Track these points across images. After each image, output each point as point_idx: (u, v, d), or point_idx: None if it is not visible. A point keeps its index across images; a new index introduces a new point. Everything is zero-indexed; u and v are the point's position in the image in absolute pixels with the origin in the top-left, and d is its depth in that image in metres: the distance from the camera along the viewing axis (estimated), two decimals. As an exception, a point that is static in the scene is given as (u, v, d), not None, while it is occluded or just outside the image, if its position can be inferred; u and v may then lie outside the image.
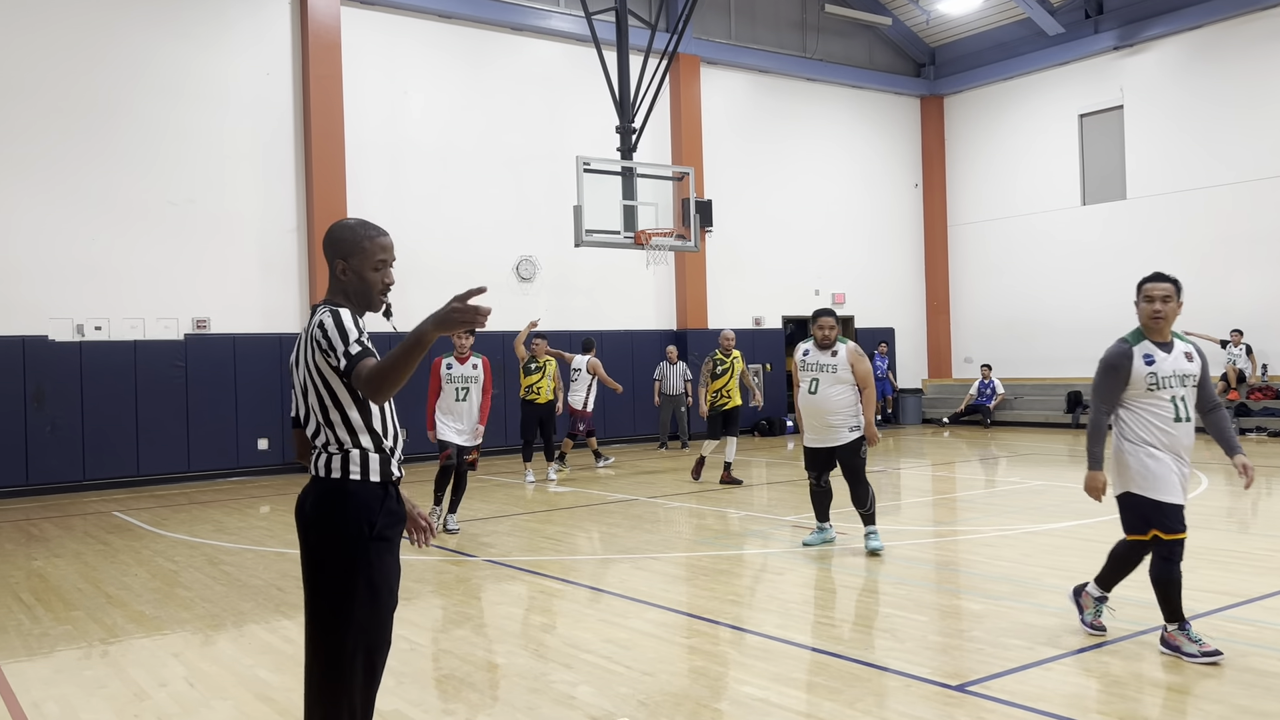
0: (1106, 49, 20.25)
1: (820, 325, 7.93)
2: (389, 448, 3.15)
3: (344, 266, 3.14)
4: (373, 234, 3.16)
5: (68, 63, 14.00)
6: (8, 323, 13.50)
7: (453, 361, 9.18)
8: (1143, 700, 4.50)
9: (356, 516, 3.05)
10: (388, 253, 3.18)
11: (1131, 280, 21.33)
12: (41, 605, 6.98)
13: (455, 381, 9.14)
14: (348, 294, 3.17)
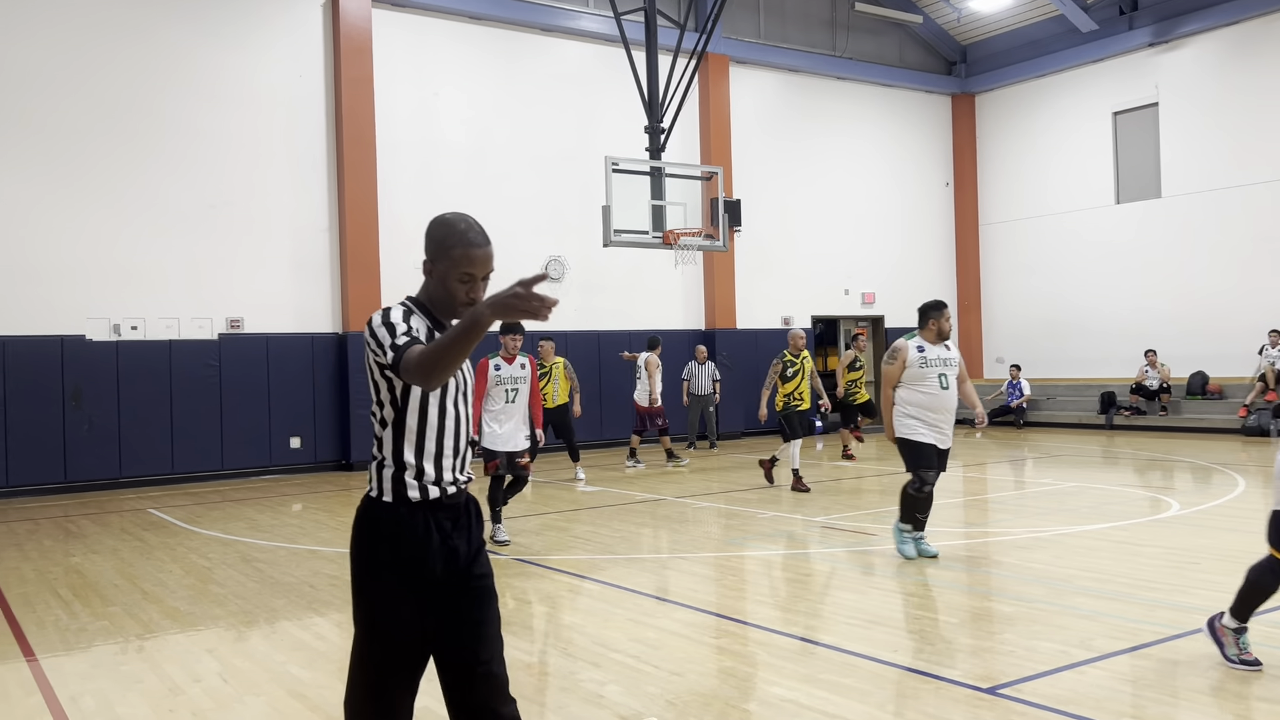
0: (1141, 46, 20.01)
1: (945, 317, 7.59)
2: (431, 466, 2.84)
3: (429, 267, 2.91)
4: (468, 241, 2.85)
5: (106, 67, 14.20)
6: (47, 323, 13.72)
7: (500, 362, 8.69)
8: (1178, 705, 4.45)
9: (362, 539, 2.85)
10: (478, 266, 2.85)
11: (1167, 280, 21.19)
12: (79, 601, 7.09)
13: (505, 383, 8.67)
14: (429, 296, 2.94)
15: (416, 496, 2.82)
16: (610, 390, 17.83)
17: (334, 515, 11.05)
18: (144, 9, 14.51)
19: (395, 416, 2.84)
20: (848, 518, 9.83)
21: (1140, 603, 6.15)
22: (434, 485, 2.85)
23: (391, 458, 2.84)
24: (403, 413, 2.84)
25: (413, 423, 2.84)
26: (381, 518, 2.83)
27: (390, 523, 2.81)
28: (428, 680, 3.00)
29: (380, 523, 2.83)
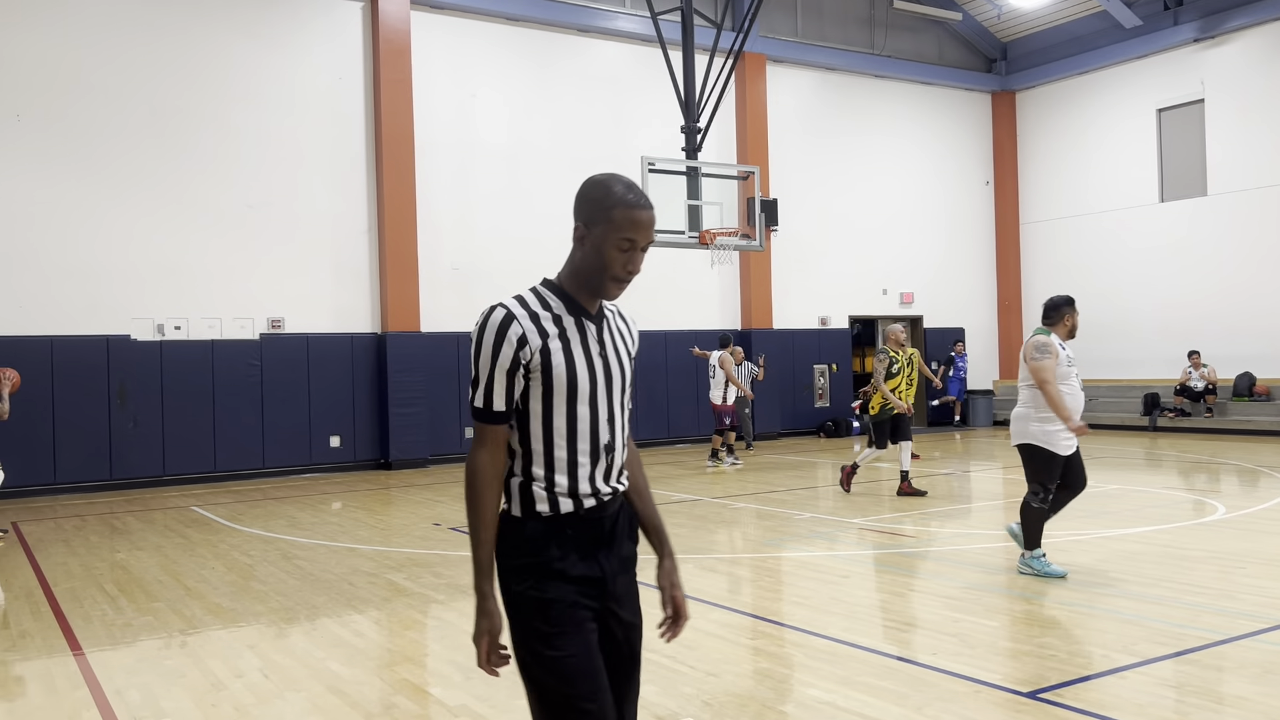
0: (1186, 41, 19.68)
1: (1076, 311, 7.18)
2: (563, 478, 2.45)
3: (582, 233, 2.49)
4: (630, 201, 2.45)
5: (149, 71, 14.43)
6: (93, 323, 13.97)
7: None
8: (1223, 712, 4.37)
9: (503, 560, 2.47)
10: (641, 231, 2.47)
11: (1212, 279, 20.80)
12: (124, 596, 7.22)
13: None
14: (575, 269, 2.53)
15: (568, 508, 2.45)
16: (644, 391, 17.82)
17: (373, 514, 11.16)
18: (187, 14, 14.73)
19: (523, 421, 2.47)
20: (885, 520, 9.77)
21: (1184, 607, 6.06)
22: (577, 497, 2.46)
23: (540, 469, 2.46)
24: (535, 416, 2.45)
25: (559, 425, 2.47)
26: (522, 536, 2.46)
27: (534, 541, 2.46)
28: (468, 679, 2.99)
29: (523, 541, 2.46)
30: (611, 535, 2.55)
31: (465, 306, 16.72)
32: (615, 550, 2.57)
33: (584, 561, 2.47)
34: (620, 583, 2.58)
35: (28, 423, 13.40)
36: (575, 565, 2.45)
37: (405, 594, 7.02)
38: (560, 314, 2.50)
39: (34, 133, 13.71)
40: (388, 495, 12.77)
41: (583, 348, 2.49)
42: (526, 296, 2.51)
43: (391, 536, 9.52)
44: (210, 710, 4.68)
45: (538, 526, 2.44)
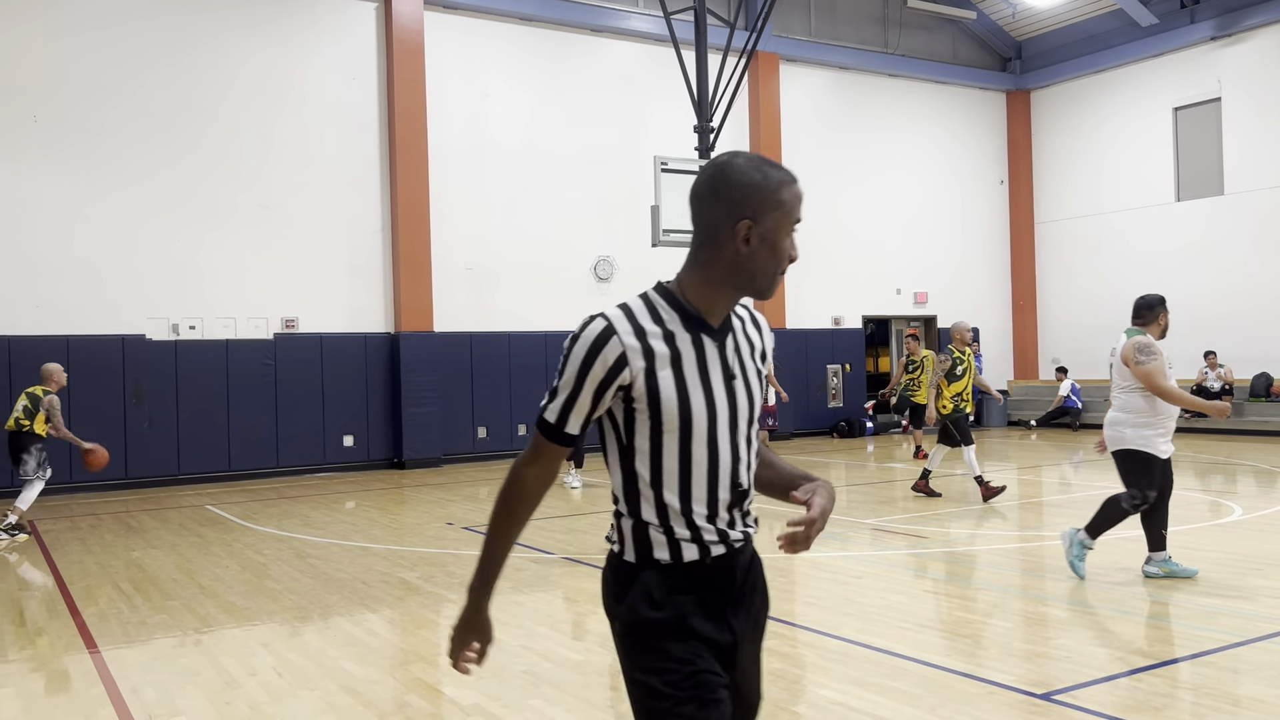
0: (1203, 39, 19.55)
1: (1168, 311, 6.96)
2: (681, 526, 2.11)
3: (749, 229, 2.05)
4: (790, 178, 2.13)
5: (164, 72, 14.51)
6: (108, 322, 14.06)
7: None
8: (1238, 715, 4.34)
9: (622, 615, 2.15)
10: (800, 206, 2.15)
11: (1229, 279, 20.66)
12: (140, 595, 7.25)
13: None
14: (728, 273, 2.09)
15: (692, 557, 2.11)
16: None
17: (386, 513, 11.19)
18: (201, 15, 14.80)
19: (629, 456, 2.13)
20: (899, 520, 9.74)
21: (1200, 609, 6.02)
22: (701, 543, 2.12)
23: (650, 512, 2.12)
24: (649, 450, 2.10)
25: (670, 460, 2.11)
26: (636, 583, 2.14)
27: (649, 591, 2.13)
28: (481, 678, 2.99)
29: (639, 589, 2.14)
30: (743, 589, 2.18)
31: (478, 306, 16.77)
32: (747, 608, 2.19)
33: (712, 621, 2.11)
34: (747, 652, 2.22)
35: (44, 422, 13.49)
36: (703, 625, 2.10)
37: (418, 593, 7.04)
38: (675, 331, 2.07)
39: (50, 134, 13.80)
40: (401, 495, 12.81)
41: (700, 374, 2.07)
42: (634, 307, 2.09)
43: (404, 536, 9.54)
44: (224, 708, 4.70)
45: (656, 577, 2.10)
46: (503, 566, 2.31)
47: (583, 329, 2.07)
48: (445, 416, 16.19)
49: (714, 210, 2.07)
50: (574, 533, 9.45)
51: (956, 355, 10.92)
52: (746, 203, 2.05)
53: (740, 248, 2.06)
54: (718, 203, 2.06)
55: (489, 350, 16.70)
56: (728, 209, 2.05)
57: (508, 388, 16.81)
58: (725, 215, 2.06)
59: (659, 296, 2.11)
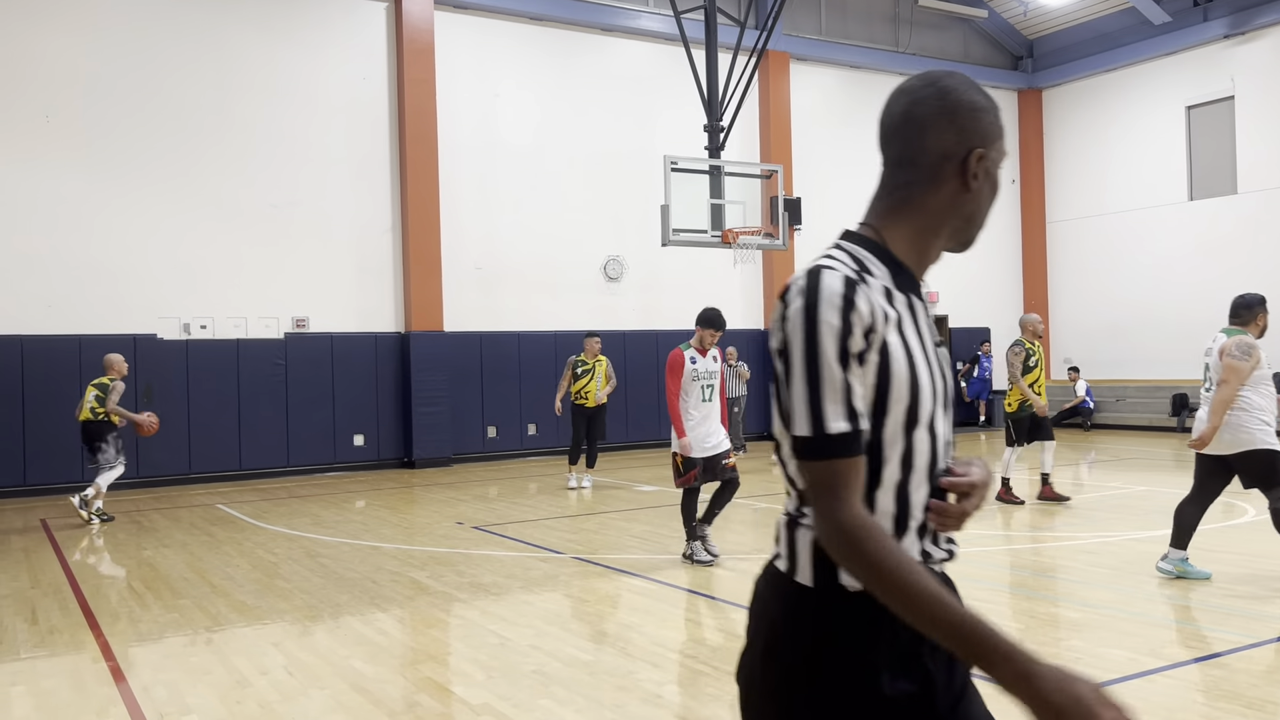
0: (1216, 37, 19.45)
1: (1267, 311, 6.76)
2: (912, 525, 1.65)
3: (979, 160, 1.69)
4: (997, 107, 1.76)
5: (175, 71, 14.56)
6: (120, 321, 14.11)
7: (695, 354, 7.78)
8: (1251, 717, 4.31)
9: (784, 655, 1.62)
10: None
11: (1242, 278, 20.60)
12: (151, 593, 7.28)
13: (702, 378, 7.74)
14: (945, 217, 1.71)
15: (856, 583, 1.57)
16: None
17: (396, 512, 11.20)
18: (212, 14, 14.85)
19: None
20: (909, 520, 9.69)
21: (1214, 610, 5.98)
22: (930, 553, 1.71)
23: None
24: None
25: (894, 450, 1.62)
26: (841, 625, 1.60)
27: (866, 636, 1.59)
28: (490, 678, 2.98)
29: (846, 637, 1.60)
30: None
31: (488, 306, 16.78)
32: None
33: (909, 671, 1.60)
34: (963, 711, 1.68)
35: (55, 422, 13.55)
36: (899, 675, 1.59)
37: (428, 592, 7.04)
38: (891, 289, 1.64)
39: (62, 133, 13.86)
40: (411, 494, 12.83)
41: (919, 342, 1.65)
42: (840, 259, 1.66)
43: (414, 535, 9.55)
44: (235, 707, 4.71)
45: (842, 609, 1.59)
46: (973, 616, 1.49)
47: (814, 284, 1.57)
48: (455, 416, 16.21)
49: (939, 138, 1.68)
50: (582, 532, 9.45)
51: (1029, 347, 10.44)
52: (977, 128, 1.69)
53: (969, 183, 1.69)
54: (945, 128, 1.67)
55: (499, 350, 16.72)
56: (956, 136, 1.68)
57: (517, 387, 16.82)
58: (954, 144, 1.68)
59: (862, 248, 1.68)
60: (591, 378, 12.54)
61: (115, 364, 11.01)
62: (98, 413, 10.72)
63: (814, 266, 1.62)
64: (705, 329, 7.81)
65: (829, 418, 1.53)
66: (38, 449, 13.48)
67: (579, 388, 12.57)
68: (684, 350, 7.75)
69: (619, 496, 11.96)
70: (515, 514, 10.69)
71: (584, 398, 12.54)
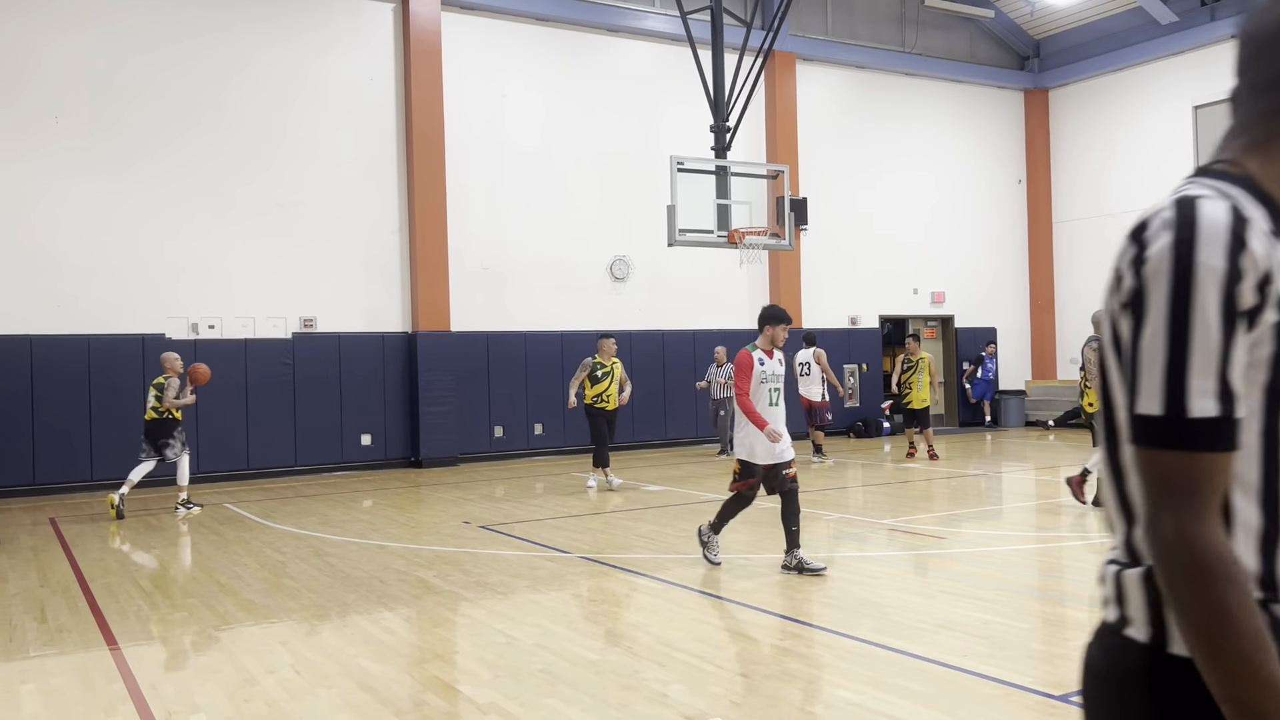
0: (1224, 37, 19.39)
1: None
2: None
3: None
4: None
5: (183, 72, 14.61)
6: (128, 321, 14.16)
7: (763, 355, 7.38)
8: (1260, 717, 4.30)
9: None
10: None
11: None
12: (159, 592, 7.31)
13: (769, 380, 7.37)
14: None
15: None
16: (673, 390, 17.84)
17: (403, 511, 11.23)
18: (219, 13, 14.89)
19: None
20: (915, 520, 9.70)
21: (1221, 611, 5.96)
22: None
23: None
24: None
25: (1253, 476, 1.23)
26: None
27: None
28: (497, 676, 2.98)
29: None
30: None
31: (495, 306, 16.81)
32: None
33: None
34: None
35: (63, 421, 13.61)
36: None
37: (435, 591, 7.06)
38: (1274, 236, 1.26)
39: (71, 134, 13.91)
40: (418, 493, 12.85)
41: None
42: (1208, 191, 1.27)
43: (421, 534, 9.57)
44: (243, 705, 4.73)
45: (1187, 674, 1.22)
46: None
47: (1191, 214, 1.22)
48: (462, 416, 16.24)
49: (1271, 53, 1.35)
50: (589, 532, 9.46)
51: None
52: None
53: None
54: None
55: (505, 350, 16.75)
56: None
57: (524, 387, 16.85)
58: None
59: (1233, 186, 1.30)
60: (611, 380, 12.35)
61: (168, 361, 11.53)
62: (160, 410, 11.29)
63: (1185, 195, 1.24)
64: (776, 325, 7.39)
65: (1193, 394, 1.15)
66: (46, 448, 13.54)
67: (599, 391, 12.35)
68: (752, 351, 7.38)
69: (625, 496, 11.97)
70: (522, 513, 10.71)
71: (605, 400, 12.31)
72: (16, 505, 12.58)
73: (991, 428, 21.20)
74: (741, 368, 7.32)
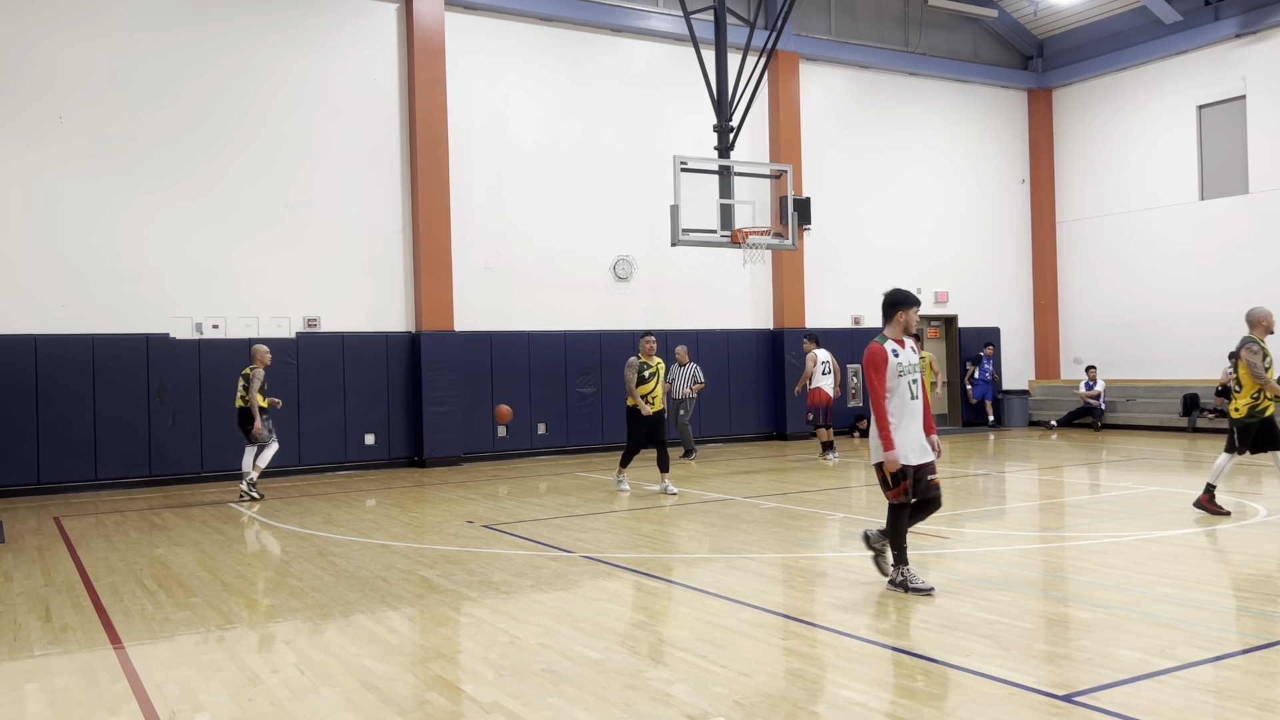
0: (1228, 37, 19.37)
1: None
2: None
3: None
4: None
5: (186, 73, 14.63)
6: (133, 321, 14.18)
7: (895, 345, 6.60)
8: (1263, 718, 4.30)
9: None
10: None
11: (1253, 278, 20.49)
12: (163, 591, 7.32)
13: (906, 373, 6.60)
14: None
15: None
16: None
17: (406, 510, 11.24)
18: (225, 17, 14.91)
19: None
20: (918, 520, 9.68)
21: (1225, 611, 5.97)
22: None
23: None
24: None
25: None
26: None
27: None
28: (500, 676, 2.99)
29: None
30: None
31: (498, 305, 16.82)
32: None
33: None
34: None
35: (68, 420, 13.63)
36: None
37: (438, 591, 7.07)
38: None
39: (76, 134, 13.93)
40: (421, 493, 12.86)
41: None
42: None
43: (425, 534, 9.58)
44: (246, 704, 4.73)
45: None
46: None
47: None
48: (465, 415, 16.25)
49: None
50: (592, 531, 9.47)
51: (1263, 344, 9.04)
52: None
53: None
54: None
55: (509, 349, 16.76)
56: None
57: (527, 387, 16.86)
58: None
59: None
60: (657, 380, 12.01)
61: (258, 354, 12.35)
62: (244, 400, 12.17)
63: None
64: (909, 309, 6.65)
65: None
66: (51, 447, 13.56)
67: (644, 391, 11.95)
68: (882, 343, 6.56)
69: (628, 495, 11.97)
70: (525, 513, 10.71)
71: (650, 402, 11.96)
72: (21, 504, 12.60)
73: (994, 428, 21.18)
74: (874, 364, 6.49)
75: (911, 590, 6.55)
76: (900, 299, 6.67)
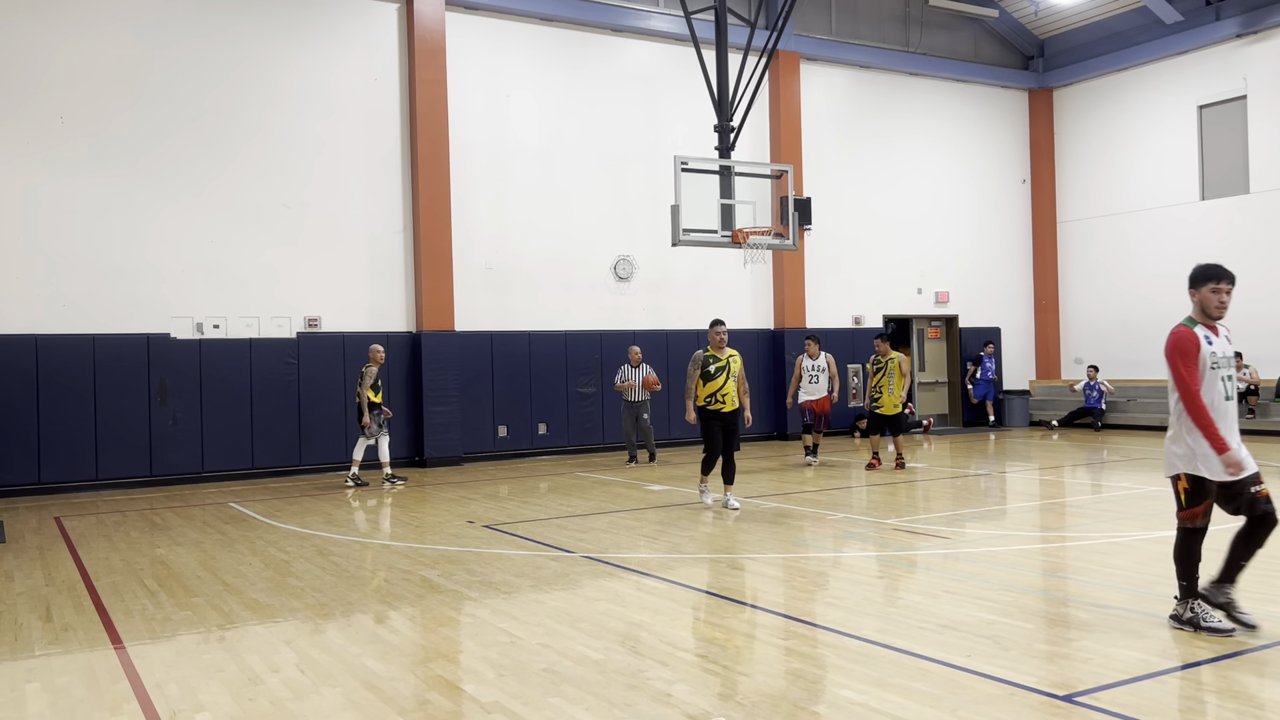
0: (1229, 37, 19.37)
1: None
2: None
3: None
4: None
5: (188, 73, 14.63)
6: (134, 321, 14.19)
7: (1208, 333, 5.59)
8: (1264, 719, 4.30)
9: None
10: None
11: (1254, 278, 20.56)
12: (164, 591, 7.32)
13: (1221, 367, 5.53)
14: None
15: None
16: (676, 390, 17.81)
17: (407, 510, 11.24)
18: (224, 15, 14.91)
19: None
20: (918, 520, 9.70)
21: (1225, 611, 5.95)
22: None
23: None
24: None
25: None
26: None
27: None
28: (501, 676, 2.99)
29: None
30: None
31: (499, 305, 16.82)
32: None
33: None
34: None
35: (69, 420, 13.64)
36: None
37: (439, 591, 7.07)
38: None
39: (77, 135, 13.94)
40: (422, 493, 12.86)
41: None
42: None
43: (425, 534, 9.58)
44: (247, 704, 4.74)
45: None
46: None
47: None
48: (466, 415, 16.25)
49: None
50: (593, 531, 9.47)
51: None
52: None
53: None
54: None
55: (510, 349, 16.76)
56: None
57: (528, 387, 16.87)
58: None
59: None
60: (727, 376, 10.42)
61: (372, 354, 13.32)
62: (359, 395, 13.20)
63: None
64: (1220, 282, 5.55)
65: None
66: (52, 447, 13.57)
67: (712, 389, 10.40)
68: (1193, 328, 5.54)
69: (628, 496, 11.97)
70: (526, 513, 10.72)
71: (720, 401, 10.40)
72: (22, 504, 12.61)
73: (995, 428, 21.17)
74: (1183, 352, 5.43)
75: (1205, 630, 5.40)
76: (1213, 272, 5.59)
